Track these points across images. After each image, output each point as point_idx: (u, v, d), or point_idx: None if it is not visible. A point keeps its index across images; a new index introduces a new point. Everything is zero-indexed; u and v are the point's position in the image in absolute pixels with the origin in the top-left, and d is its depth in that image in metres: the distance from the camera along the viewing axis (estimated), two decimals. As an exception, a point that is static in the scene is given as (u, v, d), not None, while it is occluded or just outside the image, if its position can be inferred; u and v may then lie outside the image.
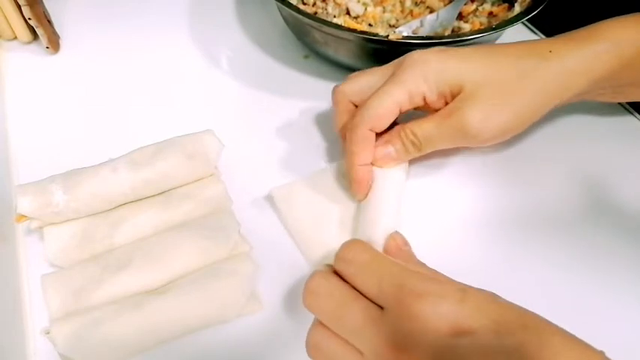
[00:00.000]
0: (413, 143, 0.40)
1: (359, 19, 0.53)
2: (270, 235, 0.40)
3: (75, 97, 0.50)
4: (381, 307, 0.27)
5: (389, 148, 0.40)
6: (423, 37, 0.50)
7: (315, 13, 0.53)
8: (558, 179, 0.45)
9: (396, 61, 0.41)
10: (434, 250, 0.35)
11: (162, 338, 0.34)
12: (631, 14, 0.40)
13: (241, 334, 0.36)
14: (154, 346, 0.35)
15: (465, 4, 0.53)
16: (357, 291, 0.29)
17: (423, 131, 0.39)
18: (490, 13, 0.53)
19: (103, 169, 0.39)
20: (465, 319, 0.25)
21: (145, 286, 0.35)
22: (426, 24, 0.52)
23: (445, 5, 0.54)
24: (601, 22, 0.40)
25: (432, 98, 0.39)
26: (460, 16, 0.53)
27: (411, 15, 0.54)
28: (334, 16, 0.52)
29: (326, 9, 0.53)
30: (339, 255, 0.30)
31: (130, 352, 0.34)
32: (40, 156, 0.45)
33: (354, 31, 0.45)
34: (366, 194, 0.40)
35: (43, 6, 0.52)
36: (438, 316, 0.25)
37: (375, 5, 0.54)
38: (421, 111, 0.41)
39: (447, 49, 0.39)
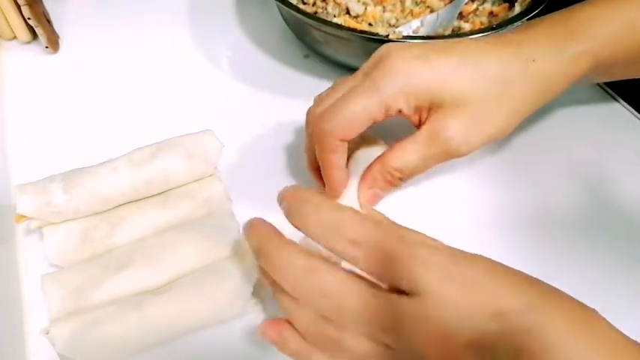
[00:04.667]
0: (400, 179, 0.38)
1: (359, 19, 0.52)
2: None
3: (74, 97, 0.50)
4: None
5: (375, 190, 0.39)
6: (423, 36, 0.50)
7: (315, 12, 0.53)
8: (551, 172, 0.45)
9: (374, 57, 0.38)
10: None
11: (162, 338, 0.34)
12: None
13: (241, 334, 0.35)
14: (154, 346, 0.34)
15: (466, 4, 0.53)
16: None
17: (407, 165, 0.37)
18: (490, 13, 0.53)
19: (102, 168, 0.39)
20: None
21: (145, 286, 0.35)
22: (426, 24, 0.52)
23: (445, 5, 0.54)
24: (580, 11, 0.39)
25: (409, 112, 0.37)
26: (460, 16, 0.53)
27: (412, 14, 0.54)
28: (334, 16, 0.52)
29: (326, 8, 0.53)
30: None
31: (129, 352, 0.34)
32: (39, 156, 0.45)
33: (354, 30, 0.45)
34: (340, 195, 0.38)
35: (43, 6, 0.52)
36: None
37: (375, 5, 0.53)
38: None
39: (429, 49, 0.37)
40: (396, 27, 0.52)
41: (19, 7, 0.49)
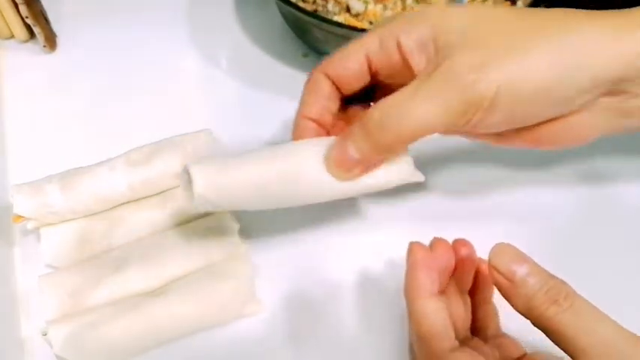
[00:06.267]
0: (381, 127, 0.27)
1: (359, 17, 0.52)
2: (269, 235, 0.40)
3: (72, 96, 0.50)
4: None
5: (345, 144, 0.28)
6: (423, 35, 0.50)
7: (315, 10, 0.52)
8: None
9: None
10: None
11: (160, 340, 0.34)
12: None
13: (240, 336, 0.35)
14: (152, 348, 0.34)
15: (467, 2, 0.53)
16: None
17: (394, 103, 0.27)
18: (491, 11, 0.53)
19: (100, 168, 0.38)
20: None
21: (143, 287, 0.35)
22: (427, 22, 0.52)
23: (447, 3, 0.53)
24: None
25: (408, 44, 0.28)
26: (461, 14, 0.53)
27: (412, 13, 0.54)
28: (334, 14, 0.52)
29: (326, 7, 0.53)
30: None
31: (127, 354, 0.34)
32: (37, 156, 0.45)
33: (354, 28, 0.45)
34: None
35: (40, 4, 0.52)
36: None
37: (376, 3, 0.53)
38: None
39: None
40: (397, 25, 0.52)
41: (16, 5, 0.49)
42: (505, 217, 0.42)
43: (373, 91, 0.33)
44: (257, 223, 0.40)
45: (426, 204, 0.42)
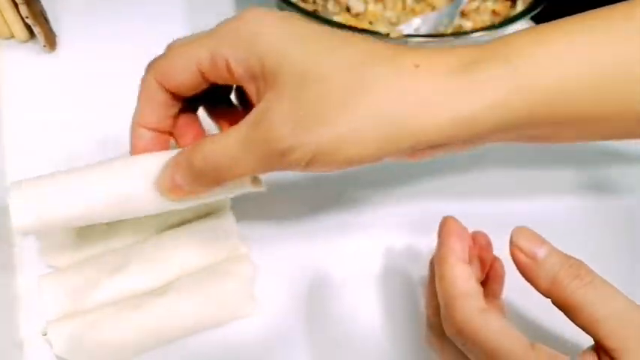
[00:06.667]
0: (203, 173, 0.27)
1: (359, 17, 0.52)
2: (269, 236, 0.40)
3: (72, 96, 0.49)
4: None
5: (174, 173, 0.28)
6: (423, 34, 0.50)
7: (315, 10, 0.52)
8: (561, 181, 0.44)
9: None
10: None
11: (161, 340, 0.34)
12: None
13: (240, 336, 0.35)
14: (152, 348, 0.34)
15: (468, 2, 0.53)
16: None
17: (212, 158, 0.27)
18: (492, 11, 0.53)
19: (100, 168, 0.38)
20: None
21: (143, 287, 0.35)
22: (428, 22, 0.52)
23: (447, 3, 0.53)
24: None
25: (238, 71, 0.27)
26: (462, 14, 0.53)
27: (413, 12, 0.53)
28: (334, 14, 0.52)
29: (326, 7, 0.53)
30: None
31: (127, 354, 0.34)
32: (37, 156, 0.45)
33: (354, 29, 0.45)
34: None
35: (40, 4, 0.52)
36: None
37: (376, 3, 0.53)
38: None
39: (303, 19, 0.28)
40: (397, 25, 0.52)
41: (16, 5, 0.49)
42: (505, 222, 0.42)
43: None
44: (257, 223, 0.40)
45: (425, 206, 0.42)
